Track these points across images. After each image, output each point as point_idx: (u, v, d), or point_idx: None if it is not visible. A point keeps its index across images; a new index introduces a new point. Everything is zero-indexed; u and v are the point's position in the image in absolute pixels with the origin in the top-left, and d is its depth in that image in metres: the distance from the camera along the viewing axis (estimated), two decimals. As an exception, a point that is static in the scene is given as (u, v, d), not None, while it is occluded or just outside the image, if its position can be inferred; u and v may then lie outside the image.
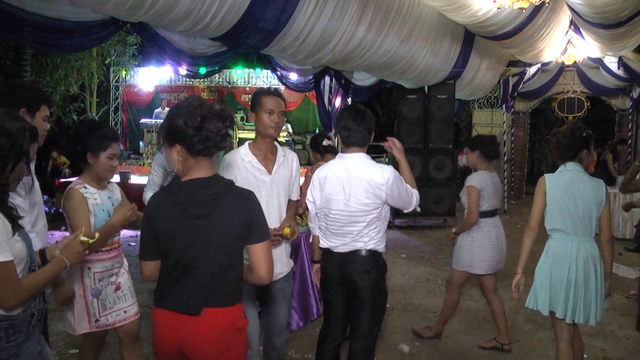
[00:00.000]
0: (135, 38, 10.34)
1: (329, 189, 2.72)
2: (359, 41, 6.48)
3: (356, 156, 2.71)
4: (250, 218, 1.89)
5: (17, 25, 4.36)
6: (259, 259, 1.91)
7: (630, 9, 6.73)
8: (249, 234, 1.89)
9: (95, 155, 2.59)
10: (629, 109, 12.68)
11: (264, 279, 1.93)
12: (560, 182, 2.96)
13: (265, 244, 1.93)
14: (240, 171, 2.66)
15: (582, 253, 2.90)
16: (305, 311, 4.20)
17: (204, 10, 4.83)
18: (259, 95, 2.70)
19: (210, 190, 1.84)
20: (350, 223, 2.68)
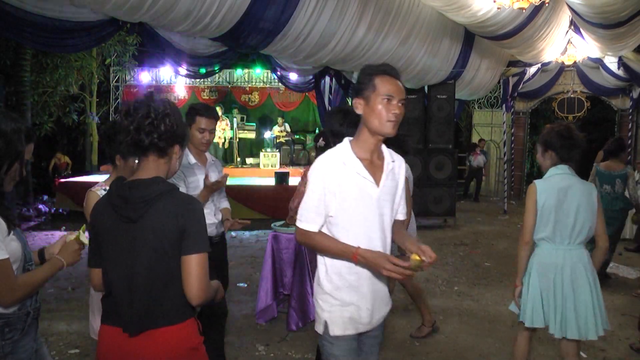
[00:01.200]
0: (135, 38, 10.33)
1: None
2: (358, 41, 6.48)
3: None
4: (183, 223, 1.64)
5: (17, 25, 4.36)
6: (189, 274, 1.64)
7: (630, 9, 6.73)
8: (182, 243, 1.65)
9: (124, 158, 2.48)
10: (629, 109, 12.68)
11: (192, 299, 1.66)
12: (552, 187, 2.74)
13: (199, 257, 1.65)
14: (341, 182, 1.97)
15: (569, 262, 2.71)
16: (304, 311, 4.21)
17: (204, 10, 4.83)
18: (370, 75, 1.97)
19: (144, 192, 1.65)
20: None
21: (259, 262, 5.53)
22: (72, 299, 4.95)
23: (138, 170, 1.72)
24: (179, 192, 1.71)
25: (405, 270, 1.85)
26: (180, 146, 1.76)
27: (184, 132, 1.77)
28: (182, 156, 1.81)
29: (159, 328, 1.67)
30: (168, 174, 1.77)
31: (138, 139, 1.65)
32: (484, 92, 11.66)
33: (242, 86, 13.61)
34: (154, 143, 1.66)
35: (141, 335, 1.66)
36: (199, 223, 1.68)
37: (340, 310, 2.03)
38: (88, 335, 4.02)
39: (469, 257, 6.84)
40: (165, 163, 1.74)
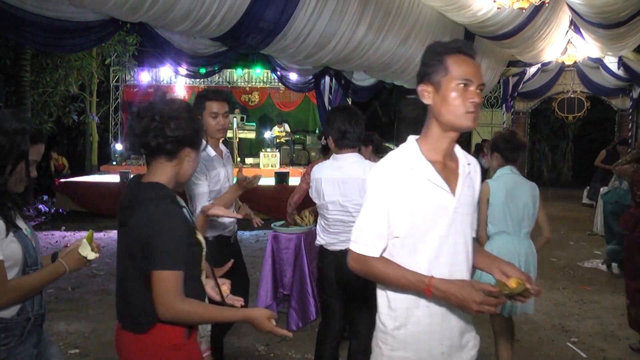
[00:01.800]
0: (135, 38, 10.34)
1: (326, 191, 2.74)
2: (358, 41, 6.48)
3: (351, 157, 2.73)
4: (151, 235, 1.57)
5: (17, 25, 4.36)
6: (152, 289, 1.58)
7: (630, 9, 6.74)
8: (148, 255, 1.58)
9: (196, 153, 2.35)
10: (629, 109, 12.68)
11: (157, 314, 1.59)
12: (502, 186, 3.07)
13: (160, 274, 1.56)
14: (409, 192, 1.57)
15: (523, 250, 3.07)
16: (304, 311, 4.21)
17: (204, 10, 4.83)
18: (440, 54, 1.58)
19: (134, 197, 1.66)
20: (347, 222, 2.69)
21: (259, 262, 5.53)
22: (72, 299, 4.95)
23: (146, 172, 1.71)
24: (162, 202, 1.63)
25: (499, 299, 1.48)
26: (191, 148, 1.71)
27: (195, 134, 1.71)
28: (196, 159, 1.76)
29: (128, 332, 1.69)
30: (179, 177, 1.73)
31: (144, 142, 1.64)
32: (484, 92, 11.66)
33: (242, 86, 13.61)
34: (160, 146, 1.64)
35: (124, 335, 1.70)
36: (162, 236, 1.57)
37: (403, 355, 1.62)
38: (88, 335, 4.03)
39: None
40: (174, 166, 1.69)
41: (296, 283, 4.21)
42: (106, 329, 4.14)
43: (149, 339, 1.65)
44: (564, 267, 6.38)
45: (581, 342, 4.11)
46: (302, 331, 4.18)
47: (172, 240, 1.59)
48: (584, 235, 8.35)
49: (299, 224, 4.34)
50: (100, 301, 4.86)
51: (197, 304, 1.64)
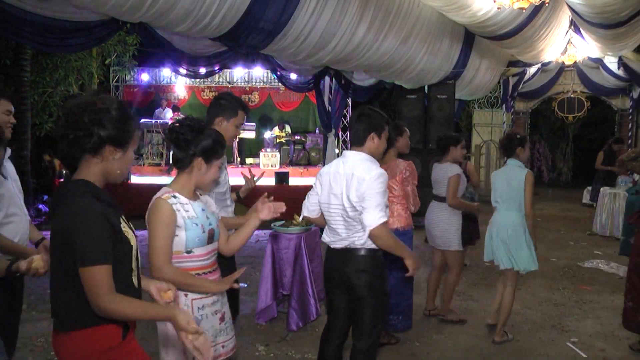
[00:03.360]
0: (135, 38, 10.33)
1: (328, 185, 2.76)
2: (359, 41, 6.48)
3: (355, 154, 2.74)
4: (66, 231, 1.57)
5: (17, 25, 4.36)
6: (84, 288, 1.56)
7: (630, 9, 6.74)
8: (71, 251, 1.57)
9: (209, 162, 2.22)
10: (629, 109, 12.68)
11: (97, 312, 1.58)
12: (500, 174, 4.10)
13: (86, 271, 1.55)
14: None
15: (511, 221, 3.91)
16: (304, 311, 4.21)
17: (204, 11, 4.83)
18: None
19: (60, 192, 1.66)
20: (345, 218, 2.70)
21: (259, 262, 5.53)
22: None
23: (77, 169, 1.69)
24: (81, 197, 1.61)
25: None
26: (115, 147, 1.67)
27: (120, 133, 1.67)
28: (123, 158, 1.72)
29: (56, 329, 1.66)
30: (107, 175, 1.71)
31: (64, 135, 1.63)
32: (484, 92, 11.66)
33: (242, 86, 13.61)
34: (77, 140, 1.62)
35: (56, 335, 1.68)
36: (86, 234, 1.56)
37: None
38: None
39: (469, 257, 6.84)
40: (96, 164, 1.67)
41: (296, 283, 4.21)
42: (106, 329, 4.14)
43: (82, 341, 1.62)
44: (564, 267, 6.38)
45: (581, 342, 4.11)
46: (302, 331, 4.18)
47: (91, 235, 1.56)
48: (584, 235, 8.35)
49: (297, 224, 4.34)
50: (100, 301, 4.86)
51: (124, 300, 1.61)
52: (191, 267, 2.19)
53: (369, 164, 2.67)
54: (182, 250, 2.16)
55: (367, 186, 2.57)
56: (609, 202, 8.23)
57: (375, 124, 2.73)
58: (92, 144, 1.62)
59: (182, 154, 2.17)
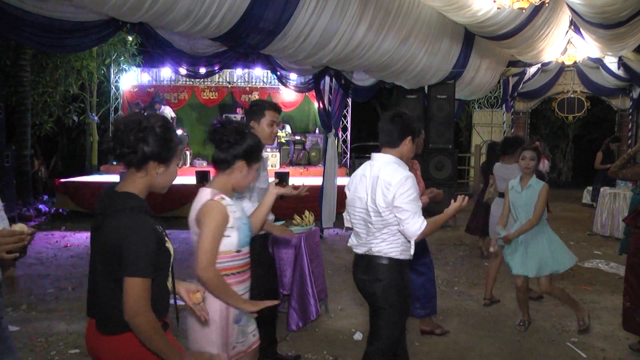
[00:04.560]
0: (135, 38, 10.34)
1: (355, 187, 2.76)
2: (359, 41, 6.47)
3: (382, 156, 2.71)
4: (120, 244, 1.67)
5: (17, 25, 4.35)
6: (123, 294, 1.67)
7: (630, 9, 6.74)
8: (120, 262, 1.68)
9: (250, 165, 2.30)
10: (629, 109, 12.68)
11: (131, 322, 1.67)
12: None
13: (129, 281, 1.66)
14: None
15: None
16: (304, 311, 4.21)
17: (204, 11, 4.83)
18: None
19: (107, 204, 1.75)
20: (366, 223, 2.67)
21: (259, 262, 5.52)
22: (72, 299, 4.95)
23: (121, 181, 1.81)
24: (132, 212, 1.71)
25: None
26: (159, 162, 1.77)
27: (164, 150, 1.77)
28: (166, 173, 1.82)
29: (101, 334, 1.75)
30: (152, 188, 1.82)
31: (110, 148, 1.74)
32: (484, 92, 11.66)
33: (242, 86, 13.61)
34: (123, 155, 1.73)
35: (95, 334, 1.76)
36: (136, 247, 1.66)
37: None
38: (88, 335, 4.03)
39: (469, 257, 6.84)
40: (141, 178, 1.77)
41: (296, 283, 4.21)
42: (106, 329, 4.14)
43: (121, 341, 1.72)
44: (564, 267, 6.37)
45: (581, 342, 4.11)
46: (302, 331, 4.18)
47: (141, 250, 1.67)
48: (584, 235, 8.35)
49: (298, 224, 4.34)
50: (100, 301, 4.86)
51: (155, 326, 1.70)
52: (239, 264, 2.29)
53: (395, 167, 2.61)
54: (233, 249, 2.24)
55: (396, 193, 2.51)
56: (609, 202, 8.23)
57: (413, 127, 2.73)
58: (136, 160, 1.73)
59: (225, 155, 2.24)
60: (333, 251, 7.11)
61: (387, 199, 2.54)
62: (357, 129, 16.36)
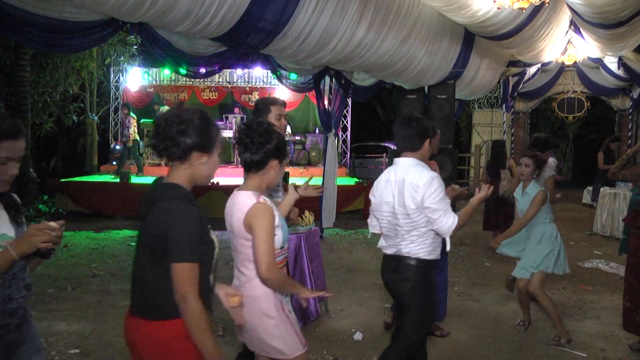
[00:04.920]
0: (135, 38, 10.33)
1: (380, 192, 2.81)
2: (358, 41, 6.47)
3: (405, 160, 2.78)
4: (166, 230, 1.72)
5: (17, 25, 4.36)
6: (173, 282, 1.72)
7: (630, 9, 6.73)
8: (166, 249, 1.73)
9: (281, 162, 2.33)
10: (629, 109, 12.67)
11: (181, 307, 1.72)
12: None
13: (177, 266, 1.71)
14: None
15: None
16: (304, 311, 4.20)
17: (204, 10, 4.83)
18: None
19: (153, 194, 1.83)
20: (395, 226, 2.74)
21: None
22: (72, 299, 4.95)
23: (167, 175, 1.88)
24: (176, 200, 1.77)
25: None
26: (202, 152, 1.83)
27: (205, 139, 1.82)
28: (209, 162, 1.87)
29: (141, 318, 1.80)
30: (195, 179, 1.86)
31: (154, 145, 1.82)
32: (484, 92, 11.66)
33: (242, 86, 13.62)
34: (167, 149, 1.80)
35: (136, 322, 1.81)
36: (181, 233, 1.71)
37: None
38: (88, 335, 4.02)
39: (469, 257, 6.84)
40: (186, 169, 1.83)
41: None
42: (106, 329, 4.14)
43: (163, 327, 1.76)
44: (564, 267, 6.37)
45: (581, 342, 4.11)
46: (302, 331, 4.17)
47: (186, 235, 1.72)
48: (584, 235, 8.35)
49: (299, 224, 4.33)
50: (100, 301, 4.85)
51: (200, 315, 1.72)
52: (281, 260, 2.38)
53: (419, 168, 2.71)
54: (278, 246, 2.30)
55: (424, 194, 2.60)
56: (609, 202, 8.24)
57: (430, 129, 2.82)
58: (180, 152, 1.80)
59: (258, 156, 2.24)
60: (333, 251, 7.11)
61: (417, 201, 2.62)
62: (357, 129, 16.35)
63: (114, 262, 6.27)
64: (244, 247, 2.24)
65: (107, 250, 6.87)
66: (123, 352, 3.72)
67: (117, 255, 6.60)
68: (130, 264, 6.35)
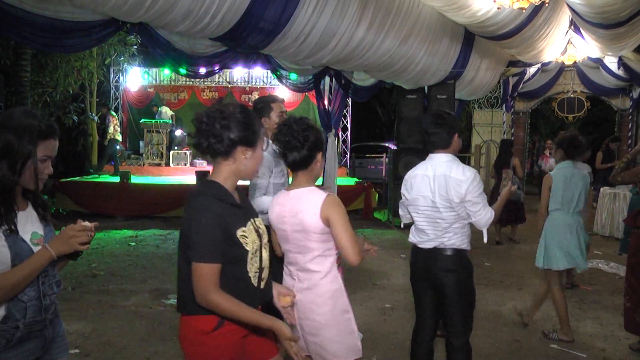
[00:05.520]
0: (135, 38, 10.33)
1: (418, 187, 2.86)
2: (358, 41, 6.48)
3: (442, 156, 2.85)
4: (186, 228, 1.77)
5: (17, 25, 4.36)
6: (192, 279, 1.75)
7: (630, 9, 6.73)
8: (187, 247, 1.77)
9: (323, 155, 2.37)
10: (629, 109, 12.67)
11: (202, 305, 1.76)
12: (561, 176, 4.01)
13: (195, 265, 1.74)
14: None
15: (573, 223, 4.01)
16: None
17: (204, 10, 4.83)
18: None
19: (190, 191, 1.85)
20: (435, 219, 2.80)
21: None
22: (72, 299, 4.94)
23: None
24: (201, 197, 1.78)
25: None
26: (246, 147, 1.82)
27: (248, 133, 1.82)
28: (254, 156, 1.87)
29: (182, 315, 1.88)
30: (240, 174, 1.87)
31: (198, 144, 1.81)
32: (483, 92, 11.66)
33: (242, 86, 13.62)
34: (210, 146, 1.79)
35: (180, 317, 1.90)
36: (196, 233, 1.73)
37: None
38: (88, 335, 4.02)
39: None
40: (229, 165, 1.84)
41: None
42: (106, 329, 4.14)
43: (188, 321, 1.85)
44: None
45: (581, 342, 4.11)
46: (302, 331, 4.18)
47: (202, 236, 1.73)
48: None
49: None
50: (100, 301, 4.85)
51: (228, 299, 1.75)
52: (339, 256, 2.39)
53: (460, 164, 2.81)
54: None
55: (468, 188, 2.71)
56: (609, 202, 8.24)
57: (456, 124, 2.90)
58: (225, 148, 1.79)
59: (305, 153, 2.22)
60: (333, 251, 7.10)
61: (460, 194, 2.72)
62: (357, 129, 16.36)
63: (114, 262, 6.27)
64: (318, 242, 2.22)
65: (107, 250, 6.86)
66: (123, 352, 3.72)
67: (117, 255, 6.60)
68: (130, 264, 6.37)
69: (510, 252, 7.30)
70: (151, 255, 6.64)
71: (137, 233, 7.77)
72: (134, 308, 4.65)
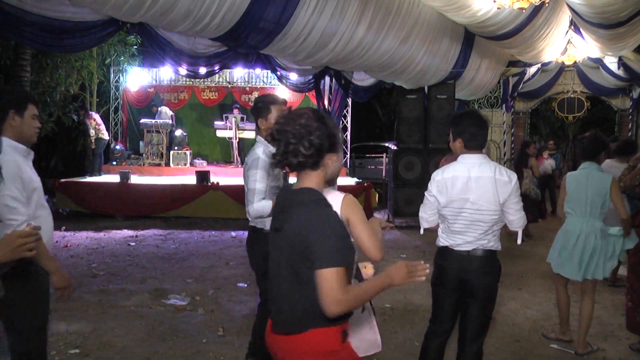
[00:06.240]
0: (135, 38, 10.34)
1: (457, 189, 2.76)
2: (358, 41, 6.48)
3: (478, 157, 2.80)
4: (307, 237, 1.67)
5: (17, 25, 4.37)
6: (318, 288, 1.64)
7: (630, 9, 6.74)
8: (309, 256, 1.66)
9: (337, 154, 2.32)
10: (629, 109, 12.68)
11: (324, 312, 1.65)
12: (575, 178, 3.82)
13: (324, 272, 1.63)
14: None
15: (585, 229, 3.71)
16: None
17: (204, 10, 4.83)
18: None
19: (284, 202, 1.79)
20: (476, 222, 2.74)
21: (259, 262, 5.52)
22: (72, 299, 4.94)
23: (296, 181, 1.83)
24: (316, 205, 1.72)
25: None
26: (332, 152, 1.80)
27: (331, 138, 1.79)
28: (339, 158, 1.86)
29: (282, 335, 1.77)
30: (327, 177, 1.84)
31: (288, 163, 1.75)
32: (483, 92, 11.66)
33: (242, 86, 13.61)
34: (301, 163, 1.75)
35: (280, 339, 1.78)
36: (328, 238, 1.65)
37: None
38: (88, 335, 4.02)
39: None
40: (319, 173, 1.80)
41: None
42: (106, 329, 4.14)
43: (306, 343, 1.72)
44: (564, 267, 6.37)
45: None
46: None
47: (333, 239, 1.65)
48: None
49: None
50: (100, 301, 4.86)
51: (354, 288, 1.70)
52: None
53: (500, 166, 2.80)
54: None
55: (512, 189, 2.73)
56: (609, 202, 8.22)
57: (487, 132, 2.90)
58: (315, 160, 1.76)
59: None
60: (333, 251, 7.09)
61: (505, 196, 2.73)
62: (357, 129, 16.36)
63: (114, 262, 6.27)
64: None
65: (107, 250, 6.86)
66: (123, 352, 3.72)
67: (117, 255, 6.60)
68: (130, 264, 6.37)
69: (511, 252, 7.28)
70: (151, 255, 6.64)
71: (137, 233, 7.77)
72: (133, 308, 4.65)
